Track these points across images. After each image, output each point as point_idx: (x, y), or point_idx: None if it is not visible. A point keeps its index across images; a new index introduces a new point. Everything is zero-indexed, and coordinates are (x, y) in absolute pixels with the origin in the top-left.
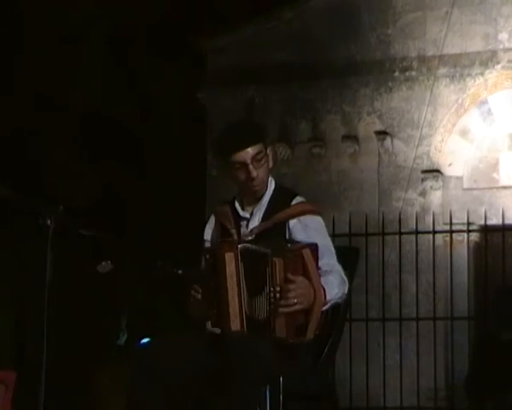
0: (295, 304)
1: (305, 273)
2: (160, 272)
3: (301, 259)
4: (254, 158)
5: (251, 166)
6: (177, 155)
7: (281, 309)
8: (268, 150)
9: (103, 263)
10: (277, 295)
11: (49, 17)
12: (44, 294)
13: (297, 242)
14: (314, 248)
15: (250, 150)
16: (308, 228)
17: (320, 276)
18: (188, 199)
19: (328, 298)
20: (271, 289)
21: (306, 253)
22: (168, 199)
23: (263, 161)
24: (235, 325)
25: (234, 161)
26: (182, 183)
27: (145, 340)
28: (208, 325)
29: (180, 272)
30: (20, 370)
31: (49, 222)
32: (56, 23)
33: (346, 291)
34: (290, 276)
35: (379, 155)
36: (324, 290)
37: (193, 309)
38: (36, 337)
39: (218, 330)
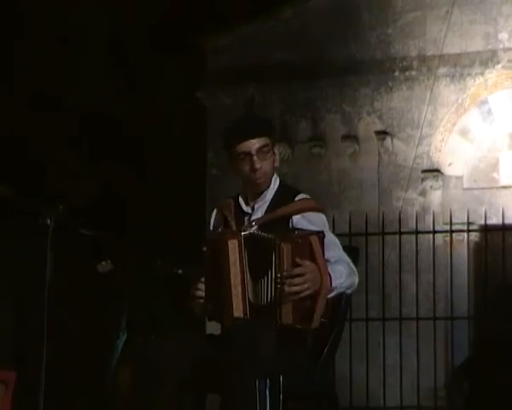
0: (303, 288)
1: (312, 258)
2: (160, 271)
3: (309, 245)
4: (260, 150)
5: (255, 158)
6: (177, 154)
7: (287, 290)
8: (275, 148)
9: (103, 262)
10: (284, 280)
11: (49, 17)
12: (44, 294)
13: (302, 229)
14: (321, 235)
15: (255, 142)
16: (312, 223)
17: (328, 265)
18: (188, 199)
19: (333, 285)
20: (278, 275)
21: (314, 239)
22: (168, 199)
23: (268, 156)
24: (238, 311)
25: (239, 151)
26: (182, 183)
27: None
28: (207, 323)
29: (180, 271)
30: (20, 370)
31: (49, 222)
32: (56, 23)
33: (355, 282)
34: (298, 260)
35: (379, 154)
36: (330, 277)
37: (194, 306)
38: (36, 337)
39: (217, 330)
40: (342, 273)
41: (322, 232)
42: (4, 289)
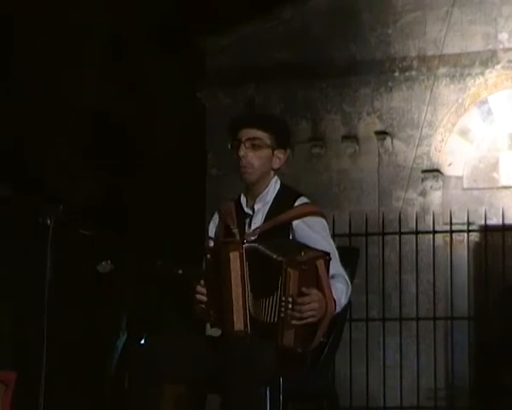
0: (308, 316)
1: (318, 285)
2: (160, 271)
3: (315, 270)
4: (249, 140)
5: (242, 145)
6: (177, 154)
7: (294, 322)
8: (278, 151)
9: (103, 263)
10: (289, 305)
11: (50, 16)
12: (44, 294)
13: (304, 244)
14: (327, 258)
15: (248, 131)
16: (311, 230)
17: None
18: (188, 199)
19: (337, 309)
20: (283, 298)
21: (320, 264)
22: (168, 199)
23: (259, 149)
24: (239, 324)
25: (234, 138)
26: (182, 183)
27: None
28: (208, 325)
29: (180, 271)
30: (20, 370)
31: (49, 222)
32: (57, 22)
33: (349, 295)
34: (305, 290)
35: (379, 154)
36: (335, 301)
37: (196, 309)
38: (36, 337)
39: (217, 332)
40: (343, 291)
41: (328, 254)
42: (4, 290)
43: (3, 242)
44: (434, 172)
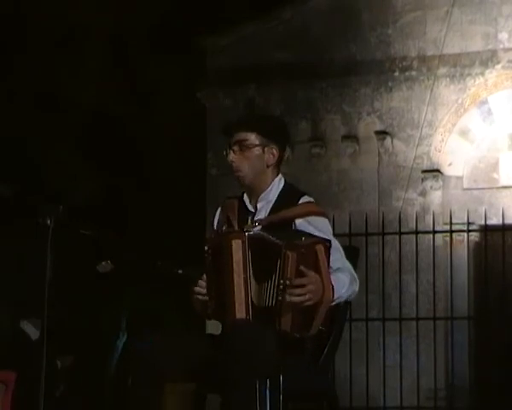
0: (305, 299)
1: (317, 269)
2: (160, 271)
3: (314, 254)
4: (238, 143)
5: (230, 151)
6: (177, 154)
7: (288, 299)
8: (269, 148)
9: (103, 263)
10: (286, 288)
11: (50, 17)
12: (44, 294)
13: (306, 233)
14: (328, 244)
15: (237, 135)
16: (315, 228)
17: (330, 273)
18: (188, 199)
19: (335, 296)
20: (281, 281)
21: (320, 249)
22: (168, 199)
23: (248, 150)
24: (241, 312)
25: (228, 142)
26: (182, 183)
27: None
28: (208, 323)
29: (180, 271)
30: (20, 370)
31: (49, 222)
32: (57, 23)
33: (356, 290)
34: (303, 268)
35: (379, 154)
36: (333, 288)
37: (195, 302)
38: (36, 337)
39: (217, 329)
40: (345, 283)
41: (329, 241)
42: (4, 289)
43: (3, 241)
44: (434, 172)
